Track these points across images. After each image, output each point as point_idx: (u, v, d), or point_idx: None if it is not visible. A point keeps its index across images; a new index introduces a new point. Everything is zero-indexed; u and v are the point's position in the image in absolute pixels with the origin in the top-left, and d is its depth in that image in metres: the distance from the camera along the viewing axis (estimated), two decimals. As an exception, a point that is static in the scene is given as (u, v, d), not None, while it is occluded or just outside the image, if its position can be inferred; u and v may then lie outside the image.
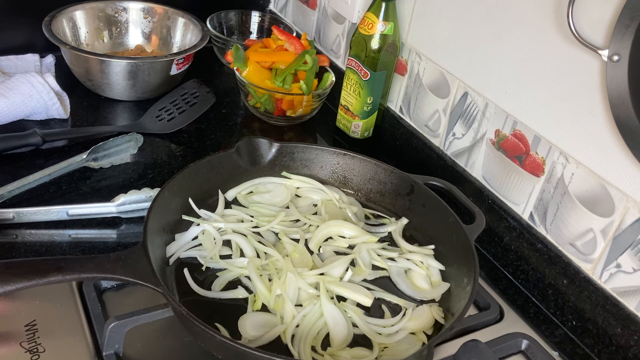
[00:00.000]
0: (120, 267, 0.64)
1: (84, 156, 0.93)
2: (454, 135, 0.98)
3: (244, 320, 0.70)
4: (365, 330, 0.71)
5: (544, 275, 0.84)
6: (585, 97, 0.76)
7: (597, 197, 0.76)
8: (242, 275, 0.76)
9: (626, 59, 0.67)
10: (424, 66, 1.01)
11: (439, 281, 0.80)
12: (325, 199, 0.90)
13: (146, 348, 0.69)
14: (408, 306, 0.76)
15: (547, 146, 0.82)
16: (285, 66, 1.11)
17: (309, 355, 0.67)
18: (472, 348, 0.65)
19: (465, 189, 0.93)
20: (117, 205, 0.84)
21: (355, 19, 1.14)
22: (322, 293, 0.73)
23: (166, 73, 1.12)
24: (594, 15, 0.72)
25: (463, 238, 0.78)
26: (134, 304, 0.70)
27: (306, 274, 0.75)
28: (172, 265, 0.76)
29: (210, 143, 1.07)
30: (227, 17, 1.35)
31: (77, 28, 1.19)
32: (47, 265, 0.61)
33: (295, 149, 0.92)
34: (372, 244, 0.83)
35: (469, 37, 0.92)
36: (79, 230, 0.83)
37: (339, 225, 0.84)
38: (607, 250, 0.76)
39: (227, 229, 0.82)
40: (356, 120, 1.10)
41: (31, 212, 0.81)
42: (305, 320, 0.71)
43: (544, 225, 0.84)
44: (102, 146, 0.95)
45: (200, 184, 0.85)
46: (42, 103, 1.02)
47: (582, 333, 0.80)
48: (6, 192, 0.84)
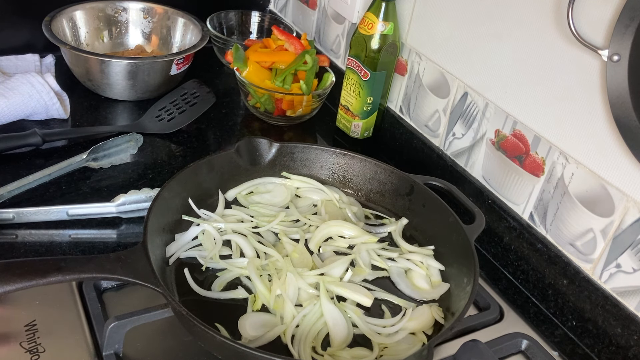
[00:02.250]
0: (120, 267, 0.64)
1: (83, 156, 0.93)
2: (453, 135, 0.98)
3: (244, 320, 0.70)
4: (365, 331, 0.71)
5: (544, 275, 0.84)
6: (585, 97, 0.76)
7: (597, 197, 0.76)
8: (242, 276, 0.76)
9: (626, 59, 0.67)
10: (424, 66, 1.01)
11: (439, 281, 0.80)
12: (325, 199, 0.90)
13: (146, 348, 0.69)
14: (408, 306, 0.76)
15: (547, 146, 0.82)
16: (285, 66, 1.11)
17: (309, 355, 0.67)
18: (472, 348, 0.65)
19: (465, 189, 0.93)
20: (117, 206, 0.84)
21: (355, 19, 1.14)
22: (322, 293, 0.73)
23: (166, 73, 1.12)
24: (593, 15, 0.72)
25: (463, 238, 0.78)
26: (134, 304, 0.70)
27: (306, 274, 0.75)
28: (172, 265, 0.76)
29: (210, 143, 1.07)
30: (227, 17, 1.35)
31: (77, 28, 1.19)
32: (47, 265, 0.61)
33: (295, 149, 0.92)
34: (372, 244, 0.83)
35: (469, 37, 0.92)
36: (79, 230, 0.83)
37: (339, 226, 0.84)
38: (607, 250, 0.76)
39: (227, 229, 0.82)
40: (356, 120, 1.10)
41: (31, 212, 0.81)
42: (305, 321, 0.71)
43: (544, 225, 0.84)
44: (102, 146, 0.95)
45: (200, 184, 0.85)
46: (42, 103, 1.02)
47: (582, 333, 0.80)
48: (6, 192, 0.84)
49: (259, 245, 0.80)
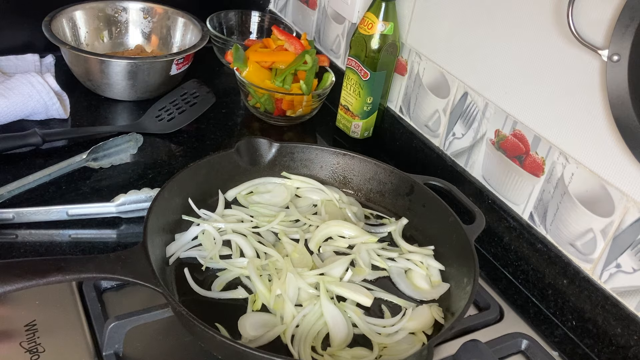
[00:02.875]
0: (120, 267, 0.64)
1: (83, 156, 0.93)
2: (453, 135, 0.98)
3: (243, 320, 0.70)
4: (365, 330, 0.71)
5: (543, 275, 0.84)
6: (585, 97, 0.76)
7: (597, 197, 0.76)
8: (242, 276, 0.76)
9: (626, 59, 0.67)
10: (423, 66, 1.01)
11: (439, 281, 0.80)
12: (325, 199, 0.90)
13: (146, 348, 0.69)
14: (408, 306, 0.76)
15: (547, 146, 0.82)
16: (285, 66, 1.11)
17: (308, 356, 0.67)
18: (472, 348, 0.65)
19: (465, 189, 0.93)
20: (116, 206, 0.84)
21: (355, 19, 1.14)
22: (322, 293, 0.73)
23: (166, 73, 1.12)
24: (593, 15, 0.72)
25: (463, 238, 0.78)
26: (134, 304, 0.70)
27: (306, 274, 0.75)
28: (172, 265, 0.76)
29: (210, 143, 1.07)
30: (227, 17, 1.35)
31: (77, 28, 1.19)
32: (47, 265, 0.61)
33: (295, 149, 0.92)
34: (372, 244, 0.83)
35: (469, 37, 0.92)
36: (79, 230, 0.83)
37: (339, 226, 0.84)
38: (607, 250, 0.76)
39: (227, 229, 0.82)
40: (356, 120, 1.10)
41: (31, 212, 0.81)
42: (305, 321, 0.71)
43: (544, 225, 0.84)
44: (102, 146, 0.95)
45: (200, 184, 0.85)
46: (42, 103, 1.02)
47: (582, 333, 0.80)
48: (6, 192, 0.84)
49: (259, 245, 0.80)
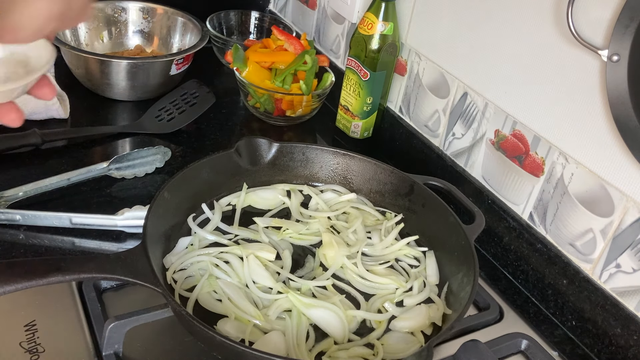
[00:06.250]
0: (120, 267, 0.64)
1: (104, 165, 0.91)
2: (453, 135, 0.98)
3: (223, 324, 0.69)
4: (363, 312, 0.73)
5: (543, 275, 0.84)
6: (585, 97, 0.76)
7: (596, 197, 0.76)
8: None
9: (626, 59, 0.67)
10: (423, 66, 1.02)
11: (438, 281, 0.80)
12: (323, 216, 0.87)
13: (146, 348, 0.69)
14: (415, 282, 0.77)
15: (546, 146, 0.82)
16: (285, 66, 1.11)
17: (307, 357, 0.67)
18: (472, 348, 0.65)
19: (465, 189, 0.93)
20: (120, 219, 0.82)
21: (355, 19, 1.14)
22: (298, 312, 0.71)
23: (166, 73, 1.12)
24: (593, 15, 0.72)
25: (463, 238, 0.78)
26: (134, 304, 0.70)
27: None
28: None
29: (210, 143, 1.07)
30: (227, 17, 1.35)
31: (76, 28, 1.19)
32: (47, 265, 0.61)
33: (295, 149, 0.92)
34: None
35: (469, 37, 0.92)
36: (83, 239, 0.82)
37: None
38: (606, 250, 0.76)
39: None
40: (356, 120, 1.10)
41: (36, 215, 0.81)
42: (287, 329, 0.69)
43: (544, 226, 0.84)
44: (125, 156, 0.93)
45: (200, 184, 0.85)
46: (41, 103, 1.01)
47: (581, 333, 0.80)
48: (22, 192, 0.84)
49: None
